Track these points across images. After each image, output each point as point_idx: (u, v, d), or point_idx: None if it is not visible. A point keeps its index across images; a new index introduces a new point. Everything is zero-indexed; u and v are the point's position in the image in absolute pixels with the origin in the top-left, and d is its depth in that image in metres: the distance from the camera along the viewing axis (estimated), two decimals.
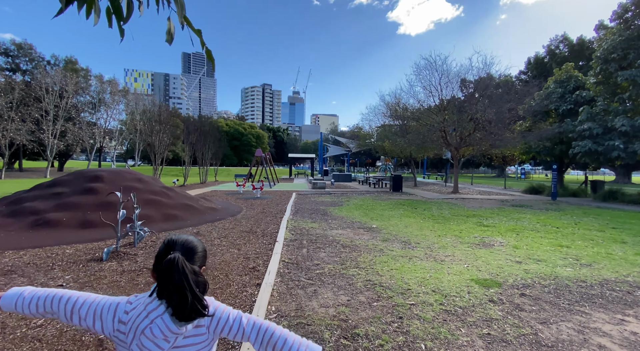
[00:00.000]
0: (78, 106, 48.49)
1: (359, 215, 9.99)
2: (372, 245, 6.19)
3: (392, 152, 22.79)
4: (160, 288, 1.00)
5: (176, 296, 0.96)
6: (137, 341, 0.98)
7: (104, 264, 4.87)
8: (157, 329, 0.97)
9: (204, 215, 9.49)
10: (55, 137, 42.17)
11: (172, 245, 1.07)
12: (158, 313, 0.99)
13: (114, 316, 1.03)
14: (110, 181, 9.25)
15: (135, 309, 1.02)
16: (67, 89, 44.16)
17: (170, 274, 0.97)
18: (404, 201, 14.35)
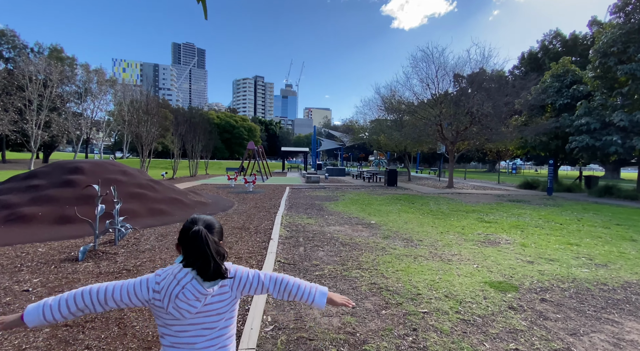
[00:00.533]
0: (63, 96, 46.75)
1: (356, 210, 9.61)
2: (372, 243, 5.81)
3: (387, 146, 22.44)
4: (186, 257, 1.16)
5: (200, 261, 1.13)
6: (173, 304, 1.13)
7: (79, 265, 4.37)
8: (188, 292, 1.13)
9: (192, 210, 8.99)
10: (39, 128, 40.64)
11: (195, 221, 1.23)
12: (187, 279, 1.14)
13: (147, 289, 1.17)
14: (92, 173, 8.65)
15: (165, 279, 1.17)
16: (51, 78, 42.53)
17: (196, 243, 1.13)
18: (400, 195, 14.03)
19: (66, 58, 51.69)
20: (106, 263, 4.48)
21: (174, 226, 7.05)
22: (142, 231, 6.51)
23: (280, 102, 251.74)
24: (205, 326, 1.20)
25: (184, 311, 1.14)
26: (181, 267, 1.17)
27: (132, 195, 8.38)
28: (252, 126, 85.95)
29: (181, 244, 1.20)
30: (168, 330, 1.20)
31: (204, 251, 1.13)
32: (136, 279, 1.21)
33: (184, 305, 1.13)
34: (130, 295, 1.18)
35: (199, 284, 1.14)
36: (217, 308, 1.21)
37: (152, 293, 1.17)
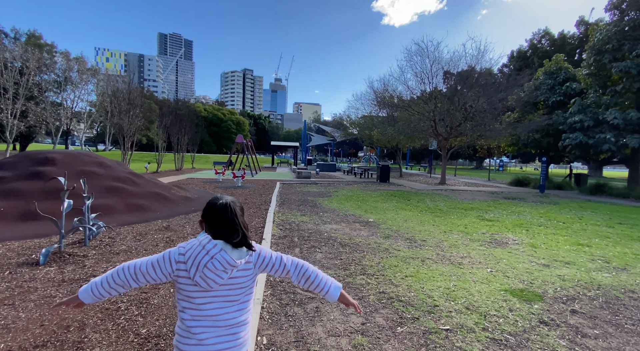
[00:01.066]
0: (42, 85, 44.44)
1: (352, 207, 9.15)
2: (374, 243, 5.35)
3: (379, 141, 22.07)
4: (215, 228, 1.24)
5: (230, 229, 1.21)
6: (200, 273, 1.17)
7: (38, 271, 3.75)
8: (217, 263, 1.17)
9: (176, 206, 8.34)
10: (15, 118, 38.63)
11: (220, 197, 1.29)
12: (216, 250, 1.18)
13: (170, 262, 1.22)
14: (64, 164, 7.88)
15: (191, 249, 1.21)
16: (28, 65, 40.36)
17: (225, 213, 1.22)
18: (394, 192, 13.66)
19: (45, 45, 49.19)
20: (72, 268, 3.87)
21: (154, 224, 6.42)
22: (119, 229, 5.87)
23: (270, 96, 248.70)
24: (228, 299, 1.23)
25: (211, 280, 1.17)
26: (209, 238, 1.21)
27: (109, 189, 7.68)
28: (241, 119, 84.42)
29: (208, 219, 1.25)
30: (190, 303, 1.22)
31: (233, 220, 1.21)
32: (159, 255, 1.25)
33: (211, 275, 1.16)
34: (155, 269, 1.22)
35: (227, 255, 1.18)
36: (240, 282, 1.25)
37: (176, 264, 1.21)
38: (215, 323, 1.21)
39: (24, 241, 4.98)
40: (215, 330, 1.21)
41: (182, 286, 1.22)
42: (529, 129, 17.76)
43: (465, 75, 17.63)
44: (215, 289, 1.20)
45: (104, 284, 1.24)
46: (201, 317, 1.20)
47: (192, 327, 1.20)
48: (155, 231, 5.85)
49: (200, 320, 1.20)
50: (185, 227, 6.22)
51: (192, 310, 1.21)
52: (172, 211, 7.80)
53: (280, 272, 1.34)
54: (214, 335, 1.21)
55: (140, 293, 3.25)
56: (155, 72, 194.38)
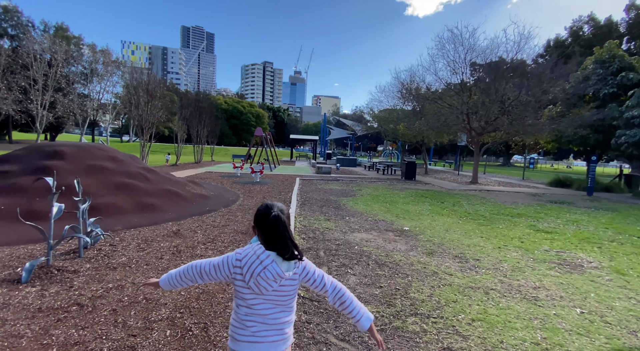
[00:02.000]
0: (69, 76, 45.43)
1: (381, 210, 8.21)
2: (417, 263, 4.42)
3: (404, 136, 20.82)
4: (267, 240, 1.33)
5: (280, 243, 1.30)
6: (254, 280, 1.28)
7: (17, 292, 3.09)
8: (269, 273, 1.28)
9: (190, 205, 7.68)
10: (44, 109, 39.79)
11: (271, 207, 1.35)
12: (268, 261, 1.28)
13: (228, 266, 1.34)
14: (73, 158, 7.36)
15: (247, 256, 1.32)
16: (56, 57, 41.31)
17: (277, 227, 1.31)
18: (423, 192, 12.56)
19: (72, 37, 50.39)
20: (55, 290, 3.18)
21: (164, 228, 5.74)
22: (123, 234, 5.21)
23: (289, 89, 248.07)
24: (276, 303, 1.35)
25: (263, 287, 1.30)
26: (263, 249, 1.32)
27: (119, 186, 7.09)
28: (260, 112, 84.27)
29: (260, 228, 1.35)
30: (244, 302, 1.35)
31: (284, 235, 1.31)
32: (220, 258, 1.38)
33: (263, 283, 1.29)
34: (217, 271, 1.36)
35: (278, 267, 1.29)
36: (287, 290, 1.36)
37: (233, 269, 1.33)
38: (265, 320, 1.35)
39: (17, 247, 4.39)
40: (264, 326, 1.35)
41: (238, 287, 1.36)
42: (575, 124, 16.05)
43: (505, 64, 16.09)
44: (266, 294, 1.33)
45: (177, 278, 1.44)
46: (252, 315, 1.34)
47: (246, 321, 1.35)
48: (162, 237, 5.16)
49: (252, 317, 1.34)
50: (196, 233, 5.50)
51: (245, 308, 1.35)
52: (185, 211, 7.14)
53: (319, 289, 1.44)
54: (264, 329, 1.35)
55: None
56: (178, 65, 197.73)
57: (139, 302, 3.01)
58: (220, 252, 4.53)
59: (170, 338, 2.48)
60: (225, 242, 5.00)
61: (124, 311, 2.83)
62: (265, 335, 1.34)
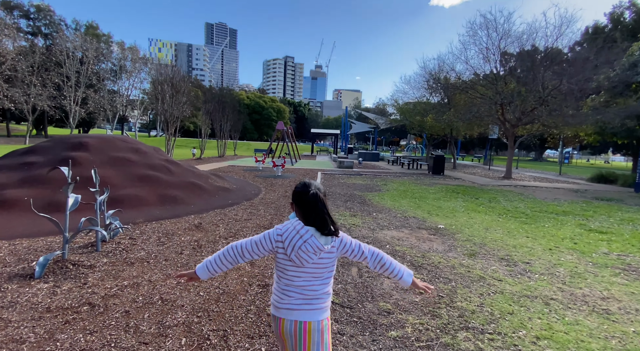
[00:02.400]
0: (100, 73, 47.09)
1: (410, 206, 7.69)
2: (459, 265, 3.94)
3: (432, 128, 19.92)
4: (306, 217, 1.39)
5: (319, 220, 1.37)
6: (295, 253, 1.36)
7: (29, 288, 2.91)
8: (309, 246, 1.36)
9: (212, 198, 7.49)
10: (77, 104, 41.54)
11: (308, 184, 1.43)
12: (308, 236, 1.35)
13: (271, 241, 1.41)
14: (97, 150, 7.34)
15: (287, 231, 1.39)
16: (87, 55, 42.91)
17: (315, 204, 1.38)
18: (454, 187, 11.85)
19: (102, 35, 52.08)
20: (68, 287, 2.98)
21: (185, 220, 5.54)
22: (144, 227, 5.05)
23: (310, 83, 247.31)
24: (314, 275, 1.42)
25: (303, 260, 1.38)
26: (302, 224, 1.38)
27: (142, 178, 6.99)
28: (281, 107, 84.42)
29: (299, 205, 1.42)
30: (284, 274, 1.43)
31: (322, 211, 1.38)
32: (260, 235, 1.44)
33: (304, 255, 1.37)
34: (259, 247, 1.42)
35: (317, 241, 1.36)
36: (325, 262, 1.43)
37: (275, 243, 1.40)
38: (304, 291, 1.42)
39: (37, 239, 4.29)
40: (303, 296, 1.42)
41: (280, 260, 1.43)
42: (622, 115, 14.63)
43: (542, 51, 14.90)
44: (306, 266, 1.40)
45: (216, 263, 1.46)
46: (292, 286, 1.43)
47: (286, 291, 1.43)
48: (184, 230, 4.94)
49: (291, 288, 1.42)
50: (218, 227, 5.26)
51: (286, 280, 1.43)
52: (207, 204, 6.94)
53: (359, 257, 1.51)
54: (302, 298, 1.42)
55: None
56: (202, 61, 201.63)
57: (154, 303, 2.75)
58: None
59: (185, 347, 2.18)
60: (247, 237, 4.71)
61: (137, 314, 2.56)
62: (303, 304, 1.42)
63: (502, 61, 16.26)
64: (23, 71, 35.46)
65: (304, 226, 1.36)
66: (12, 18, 40.75)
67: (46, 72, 37.68)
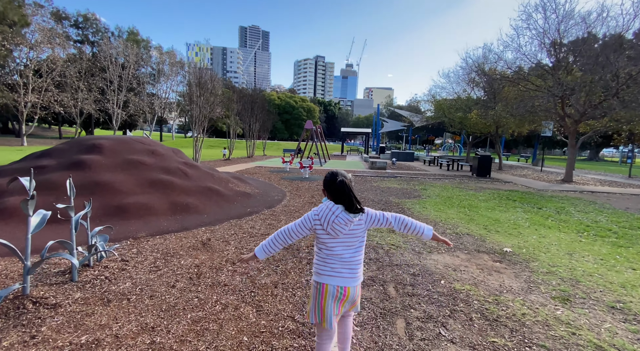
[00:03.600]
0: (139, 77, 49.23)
1: (460, 218, 6.41)
2: (553, 321, 2.72)
3: (475, 126, 18.07)
4: (336, 199, 1.75)
5: (347, 201, 1.72)
6: (330, 226, 1.70)
7: None
8: (340, 219, 1.70)
9: (229, 205, 6.71)
10: (119, 107, 43.67)
11: (336, 173, 1.79)
12: (339, 212, 1.70)
13: (310, 221, 1.77)
14: (112, 152, 6.83)
15: (322, 211, 1.74)
16: (128, 60, 44.98)
17: (343, 189, 1.73)
18: (507, 192, 10.25)
19: (142, 41, 54.47)
20: (10, 342, 2.20)
21: (193, 235, 4.74)
22: (145, 243, 4.30)
23: (340, 82, 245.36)
24: (348, 244, 1.77)
25: (338, 231, 1.71)
26: (333, 203, 1.74)
27: (154, 183, 6.36)
28: (311, 106, 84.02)
29: (329, 191, 1.77)
30: (324, 246, 1.78)
31: (349, 195, 1.73)
32: (300, 219, 1.81)
33: (338, 227, 1.70)
34: (301, 228, 1.79)
35: (347, 214, 1.71)
36: (356, 233, 1.78)
37: (314, 222, 1.76)
38: (342, 259, 1.76)
39: (16, 261, 3.65)
40: (341, 264, 1.76)
41: (319, 235, 1.78)
42: None
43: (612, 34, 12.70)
44: (340, 237, 1.74)
45: (270, 246, 1.84)
46: (332, 255, 1.76)
47: (326, 259, 1.78)
48: (187, 249, 4.13)
49: (332, 257, 1.76)
50: (229, 244, 4.40)
51: (326, 250, 1.78)
52: (223, 212, 6.16)
53: (385, 225, 1.84)
54: (340, 266, 1.76)
55: None
56: (236, 64, 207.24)
57: None
58: (249, 286, 3.31)
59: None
60: (260, 262, 3.79)
61: None
62: (341, 270, 1.76)
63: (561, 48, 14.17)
64: (72, 76, 37.72)
65: (334, 204, 1.73)
66: (62, 27, 43.60)
67: (92, 77, 39.88)
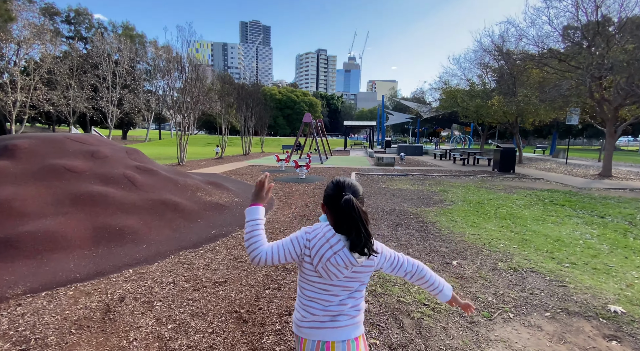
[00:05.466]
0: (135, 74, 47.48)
1: (508, 239, 4.56)
2: None
3: (495, 114, 16.06)
4: (337, 225, 1.14)
5: (354, 233, 1.10)
6: (323, 265, 1.15)
7: None
8: (340, 259, 1.13)
9: (189, 225, 4.92)
10: (113, 105, 42.09)
11: (341, 186, 1.17)
12: (339, 247, 1.12)
13: (299, 246, 1.19)
14: (29, 155, 5.07)
15: (316, 238, 1.17)
16: (122, 55, 43.30)
17: (349, 213, 1.10)
18: (546, 193, 8.34)
19: (137, 36, 52.68)
20: None
21: (105, 287, 2.95)
22: (3, 312, 2.53)
23: (343, 76, 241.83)
24: (344, 289, 1.23)
25: (332, 274, 1.17)
26: (333, 232, 1.16)
27: (78, 199, 4.58)
28: (313, 100, 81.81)
29: (330, 209, 1.18)
30: (310, 285, 1.23)
31: (356, 223, 1.10)
32: (287, 241, 1.21)
33: (333, 269, 1.15)
34: (287, 255, 1.20)
35: (350, 254, 1.14)
36: (359, 277, 1.23)
37: (304, 249, 1.19)
38: (330, 307, 1.22)
39: None
40: (328, 313, 1.22)
41: (304, 269, 1.22)
42: None
43: None
44: (333, 281, 1.20)
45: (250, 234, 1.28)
46: (317, 299, 1.22)
47: (309, 307, 1.23)
48: (69, 328, 2.36)
49: (316, 302, 1.22)
50: (151, 308, 2.61)
51: (311, 292, 1.23)
52: (176, 238, 4.38)
53: (397, 270, 1.32)
54: (324, 314, 1.22)
55: None
56: (237, 59, 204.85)
57: None
58: None
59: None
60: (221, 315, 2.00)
61: None
62: (328, 321, 1.23)
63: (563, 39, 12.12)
64: (62, 73, 36.08)
65: (335, 234, 1.15)
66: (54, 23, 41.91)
67: (84, 74, 38.25)
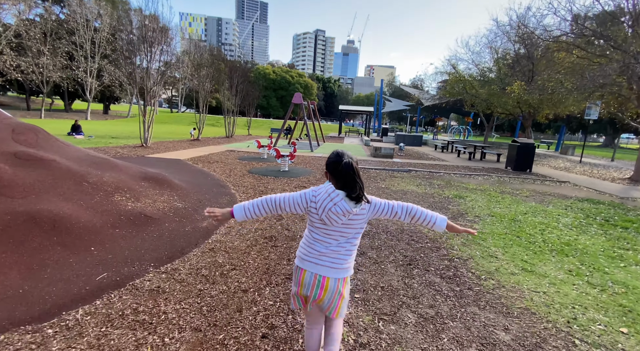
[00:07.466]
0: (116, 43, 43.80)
1: (592, 303, 2.76)
2: None
3: (507, 104, 14.20)
4: (338, 182, 1.49)
5: (350, 185, 1.45)
6: (325, 214, 1.47)
7: None
8: (338, 208, 1.45)
9: (70, 259, 2.94)
10: (92, 77, 38.88)
11: (342, 155, 1.50)
12: (338, 199, 1.45)
13: (306, 200, 1.52)
14: None
15: (320, 195, 1.50)
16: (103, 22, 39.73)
17: (347, 172, 1.46)
18: (588, 205, 6.56)
19: (119, 1, 48.62)
20: None
21: None
22: None
23: (341, 59, 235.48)
24: (342, 234, 1.54)
25: (333, 220, 1.49)
26: (334, 188, 1.48)
27: None
28: (309, 82, 78.57)
29: (333, 174, 1.50)
30: (316, 229, 1.57)
31: (354, 179, 1.46)
32: (298, 193, 1.55)
33: (334, 217, 1.47)
34: (294, 205, 1.54)
35: (346, 204, 1.45)
36: (354, 224, 1.53)
37: (310, 203, 1.52)
38: (330, 248, 1.54)
39: None
40: (328, 252, 1.54)
41: (312, 218, 1.55)
42: None
43: None
44: (334, 226, 1.51)
45: (254, 209, 1.57)
46: (319, 241, 1.56)
47: (314, 245, 1.57)
48: None
49: (319, 242, 1.56)
50: None
51: (315, 234, 1.57)
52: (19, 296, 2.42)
53: (389, 214, 1.57)
54: (327, 254, 1.54)
55: None
56: (232, 36, 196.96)
57: None
58: None
59: None
60: None
61: None
62: (327, 260, 1.54)
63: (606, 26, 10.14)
64: (32, 38, 32.62)
65: (335, 190, 1.47)
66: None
67: (59, 40, 34.80)
